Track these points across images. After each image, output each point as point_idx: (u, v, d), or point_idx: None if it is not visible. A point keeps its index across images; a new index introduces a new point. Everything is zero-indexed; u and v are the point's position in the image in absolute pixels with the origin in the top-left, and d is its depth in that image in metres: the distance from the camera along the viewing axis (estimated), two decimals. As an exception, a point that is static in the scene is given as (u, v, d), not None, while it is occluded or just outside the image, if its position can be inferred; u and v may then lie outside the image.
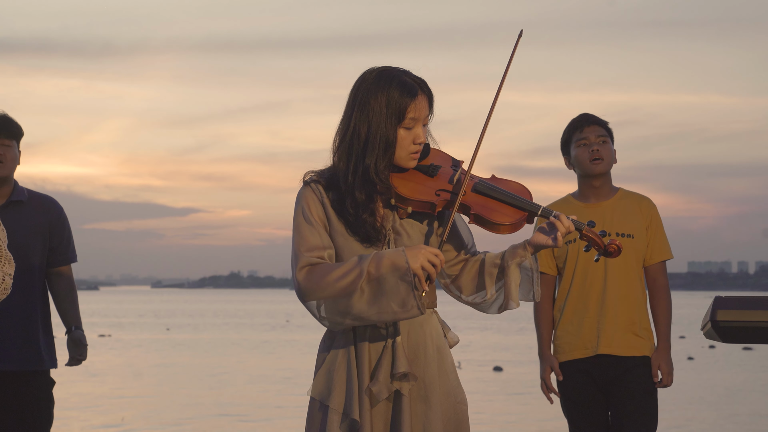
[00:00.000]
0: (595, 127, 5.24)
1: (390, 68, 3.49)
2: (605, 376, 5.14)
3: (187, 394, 17.11)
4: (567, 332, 5.19)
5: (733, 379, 20.89)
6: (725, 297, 4.04)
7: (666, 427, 12.25)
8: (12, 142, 5.15)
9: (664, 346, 5.20)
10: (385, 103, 3.42)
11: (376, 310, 3.34)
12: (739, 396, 17.48)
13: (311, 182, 3.50)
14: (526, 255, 3.51)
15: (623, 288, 5.16)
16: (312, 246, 3.42)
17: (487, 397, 16.24)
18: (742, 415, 14.81)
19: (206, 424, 13.30)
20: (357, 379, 3.43)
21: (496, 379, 20.44)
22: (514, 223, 3.46)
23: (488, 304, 3.56)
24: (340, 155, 3.47)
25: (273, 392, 17.38)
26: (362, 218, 3.43)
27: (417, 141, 3.46)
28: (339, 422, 3.42)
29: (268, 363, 24.52)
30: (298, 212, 3.48)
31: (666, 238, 5.27)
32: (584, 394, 5.16)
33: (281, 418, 13.65)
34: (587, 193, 5.26)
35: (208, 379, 20.15)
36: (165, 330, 42.77)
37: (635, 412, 5.10)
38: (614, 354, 5.13)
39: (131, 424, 13.02)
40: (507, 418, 14.03)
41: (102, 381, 18.59)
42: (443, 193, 3.47)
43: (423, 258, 3.32)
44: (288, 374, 20.94)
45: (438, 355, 3.51)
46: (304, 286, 3.38)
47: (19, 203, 5.17)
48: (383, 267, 3.32)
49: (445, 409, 3.48)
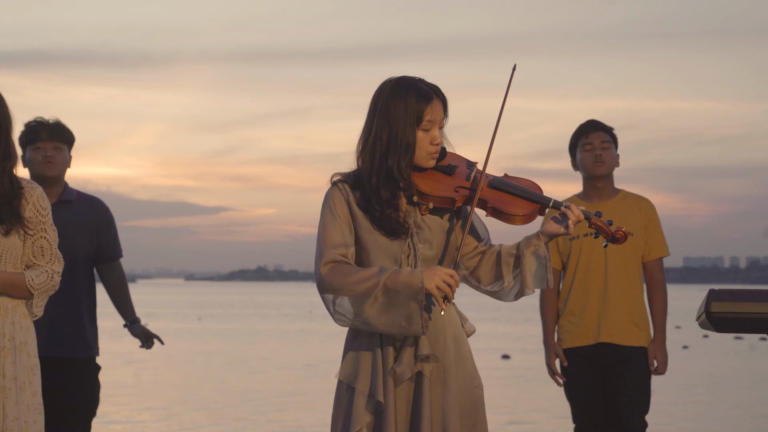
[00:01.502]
0: (600, 133, 5.28)
1: (406, 77, 3.53)
2: (605, 363, 5.17)
3: (218, 380, 17.15)
4: (570, 322, 5.23)
5: (725, 366, 20.84)
6: (719, 290, 4.05)
7: (660, 410, 12.25)
8: (63, 146, 5.21)
9: (660, 337, 5.24)
10: (404, 108, 3.46)
11: (384, 320, 3.38)
12: (729, 382, 17.44)
13: (338, 183, 3.54)
14: (540, 244, 3.54)
15: (623, 282, 5.19)
16: (336, 243, 3.46)
17: (496, 383, 16.25)
18: (732, 399, 14.80)
19: (237, 409, 13.34)
20: (381, 363, 3.46)
21: (504, 366, 20.44)
22: (528, 213, 3.50)
23: (506, 292, 3.58)
24: (364, 158, 3.51)
25: (297, 379, 17.41)
26: (387, 214, 3.46)
27: (434, 142, 3.50)
28: (365, 403, 3.46)
29: (292, 351, 24.53)
30: (325, 210, 3.51)
31: (663, 236, 5.30)
32: (585, 378, 5.20)
33: (305, 403, 13.67)
34: (591, 194, 5.30)
35: (237, 365, 20.19)
36: (197, 320, 42.77)
37: (631, 396, 5.14)
38: (614, 343, 5.16)
39: (170, 409, 13.06)
40: (514, 401, 14.04)
41: (140, 367, 18.64)
42: (462, 189, 3.51)
43: (438, 279, 3.35)
44: (311, 362, 20.95)
45: (455, 343, 3.54)
46: (326, 280, 3.42)
47: (68, 203, 5.22)
48: (399, 283, 3.36)
49: (462, 392, 3.51)
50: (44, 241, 3.73)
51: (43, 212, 3.73)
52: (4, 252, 3.66)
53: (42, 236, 3.72)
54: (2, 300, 3.66)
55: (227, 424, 11.68)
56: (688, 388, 16.06)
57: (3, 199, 3.65)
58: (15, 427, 3.59)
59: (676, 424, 11.97)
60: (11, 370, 3.62)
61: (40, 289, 3.69)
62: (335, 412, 3.52)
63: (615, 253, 5.15)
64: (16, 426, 3.60)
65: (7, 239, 3.65)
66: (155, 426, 11.58)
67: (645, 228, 5.24)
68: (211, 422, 11.85)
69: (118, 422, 11.58)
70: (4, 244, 3.65)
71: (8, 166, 3.70)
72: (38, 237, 3.72)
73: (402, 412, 3.48)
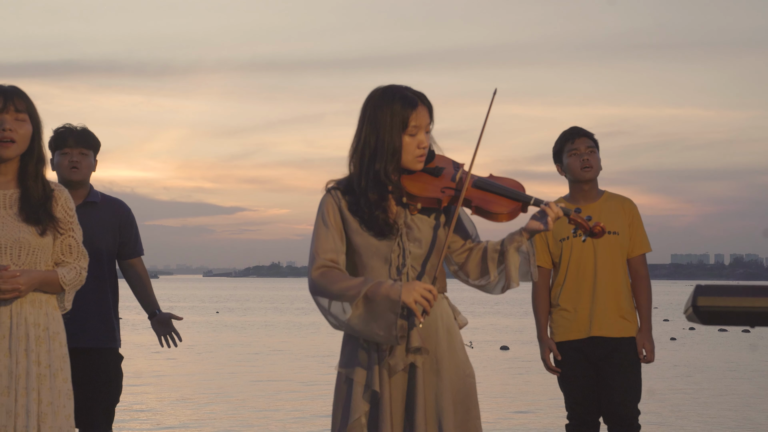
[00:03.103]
0: (585, 139, 5.29)
1: (393, 85, 3.52)
2: (597, 354, 5.18)
3: (235, 369, 17.16)
4: (563, 317, 5.23)
5: (711, 356, 20.81)
6: (705, 285, 4.05)
7: (650, 397, 12.25)
8: (89, 152, 5.23)
9: (647, 327, 5.24)
10: (390, 115, 3.44)
11: (363, 327, 3.40)
12: (715, 371, 17.43)
13: (331, 190, 3.54)
14: (523, 240, 3.53)
15: (611, 278, 5.19)
16: (327, 249, 3.46)
17: (495, 373, 16.24)
18: (718, 387, 14.78)
19: (254, 397, 13.34)
20: (377, 356, 3.47)
21: (503, 357, 20.43)
22: (510, 212, 3.49)
23: (492, 286, 3.58)
24: (355, 163, 3.51)
25: (308, 368, 17.41)
26: (375, 215, 3.46)
27: (421, 146, 3.49)
28: (362, 393, 3.47)
29: (303, 342, 24.54)
30: (318, 217, 3.52)
31: (645, 233, 5.31)
32: (578, 370, 5.20)
33: (316, 391, 13.68)
34: (577, 196, 5.30)
35: (252, 356, 20.19)
36: (215, 313, 42.80)
37: (623, 384, 5.14)
38: (605, 336, 5.17)
39: (189, 397, 13.08)
40: (512, 390, 14.04)
41: (160, 358, 18.67)
42: (447, 190, 3.51)
43: (417, 293, 3.35)
44: (321, 352, 20.96)
45: (447, 334, 3.54)
46: (317, 283, 3.44)
47: (93, 204, 5.24)
48: (378, 295, 3.36)
49: (454, 381, 3.51)
50: (72, 240, 3.79)
51: (70, 213, 3.80)
52: (39, 250, 3.72)
53: (70, 235, 3.79)
54: (37, 295, 3.71)
55: (244, 412, 11.69)
56: (677, 377, 16.05)
57: (38, 202, 3.71)
58: (49, 411, 3.65)
59: (665, 410, 11.96)
60: (46, 359, 3.68)
61: (70, 284, 3.77)
62: (336, 401, 3.54)
63: (603, 252, 5.16)
64: (50, 410, 3.65)
65: (42, 239, 3.71)
66: (174, 413, 11.59)
67: (629, 226, 5.25)
68: (229, 409, 11.86)
69: (139, 410, 11.60)
70: (40, 243, 3.71)
71: (41, 170, 3.77)
72: (67, 236, 3.79)
73: (397, 401, 3.48)
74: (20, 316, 3.66)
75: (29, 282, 3.63)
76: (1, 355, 3.63)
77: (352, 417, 3.45)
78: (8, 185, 3.74)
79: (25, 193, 3.71)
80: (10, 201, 3.71)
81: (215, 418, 11.15)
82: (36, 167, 3.73)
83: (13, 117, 3.68)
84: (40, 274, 3.68)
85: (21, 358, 3.63)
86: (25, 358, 3.64)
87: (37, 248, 3.70)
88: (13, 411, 3.59)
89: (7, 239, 3.66)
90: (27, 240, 3.67)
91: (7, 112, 3.67)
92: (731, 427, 10.92)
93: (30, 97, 3.75)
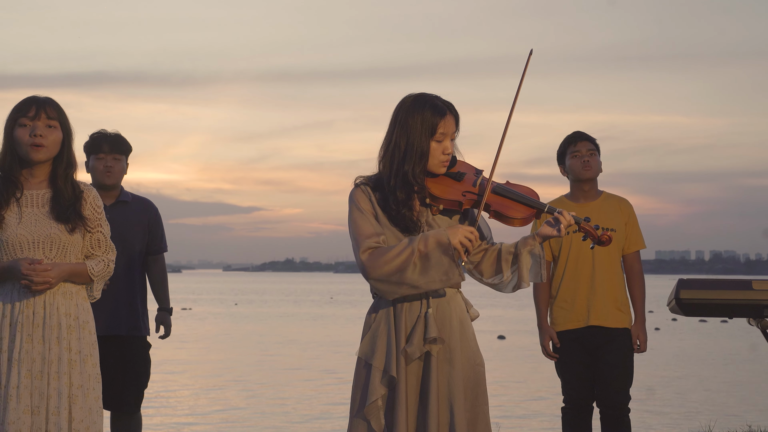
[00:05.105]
0: (586, 142, 5.25)
1: (424, 94, 3.51)
2: (593, 343, 5.14)
3: (253, 356, 17.17)
4: (562, 308, 5.19)
5: (692, 344, 20.80)
6: (687, 279, 4.04)
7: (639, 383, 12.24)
8: (121, 157, 5.21)
9: (641, 319, 5.20)
10: (420, 121, 3.44)
11: (425, 279, 3.37)
12: (697, 358, 17.41)
13: (361, 184, 3.52)
14: (535, 244, 3.54)
15: (608, 272, 5.16)
16: (369, 234, 3.43)
17: (492, 361, 16.24)
18: (700, 372, 14.77)
19: (271, 382, 13.34)
20: (395, 343, 3.45)
21: (500, 346, 20.42)
22: (526, 217, 3.50)
23: (504, 285, 3.57)
24: (385, 163, 3.50)
25: (321, 356, 17.41)
26: (402, 213, 3.45)
27: (446, 152, 3.49)
28: (380, 378, 3.44)
29: (317, 332, 24.56)
30: (353, 208, 3.49)
31: (640, 231, 5.28)
32: (575, 357, 5.17)
33: (329, 377, 13.68)
34: (578, 195, 5.27)
35: (270, 344, 20.21)
36: (234, 305, 42.89)
37: (617, 372, 5.11)
38: (602, 325, 5.13)
39: (211, 382, 13.07)
40: (509, 376, 14.03)
41: (186, 346, 18.71)
42: (468, 194, 3.50)
43: (461, 235, 3.37)
44: (333, 341, 20.97)
45: (460, 326, 3.52)
46: (368, 265, 3.39)
47: (124, 203, 5.23)
48: (429, 245, 3.35)
49: (465, 369, 3.49)
50: (100, 235, 3.83)
51: (98, 210, 3.84)
52: (69, 246, 3.75)
53: (98, 231, 3.82)
54: (67, 286, 3.75)
55: (263, 396, 11.67)
56: (662, 364, 16.04)
57: (68, 203, 3.76)
58: (80, 394, 3.69)
59: (653, 395, 11.94)
60: (76, 345, 3.72)
61: (99, 275, 3.80)
62: (355, 385, 3.52)
63: (600, 248, 5.12)
64: (81, 392, 3.69)
65: (72, 236, 3.75)
66: (197, 397, 11.58)
67: (625, 225, 5.22)
68: (248, 396, 11.85)
69: (164, 396, 11.60)
70: (70, 239, 3.75)
71: (71, 173, 3.81)
72: (96, 232, 3.82)
73: (413, 386, 3.47)
74: (53, 306, 3.70)
75: (59, 274, 3.67)
76: (35, 343, 3.67)
77: (369, 399, 3.44)
78: (41, 186, 3.79)
79: (56, 194, 3.77)
80: (42, 200, 3.77)
81: (232, 405, 11.13)
82: (66, 171, 3.79)
83: (44, 124, 3.74)
84: (69, 266, 3.72)
85: (53, 345, 3.67)
86: (57, 345, 3.68)
87: (66, 244, 3.74)
88: (46, 393, 3.63)
89: (39, 235, 3.71)
90: (57, 236, 3.72)
91: (39, 119, 3.74)
92: (710, 407, 10.91)
93: (62, 107, 3.81)
